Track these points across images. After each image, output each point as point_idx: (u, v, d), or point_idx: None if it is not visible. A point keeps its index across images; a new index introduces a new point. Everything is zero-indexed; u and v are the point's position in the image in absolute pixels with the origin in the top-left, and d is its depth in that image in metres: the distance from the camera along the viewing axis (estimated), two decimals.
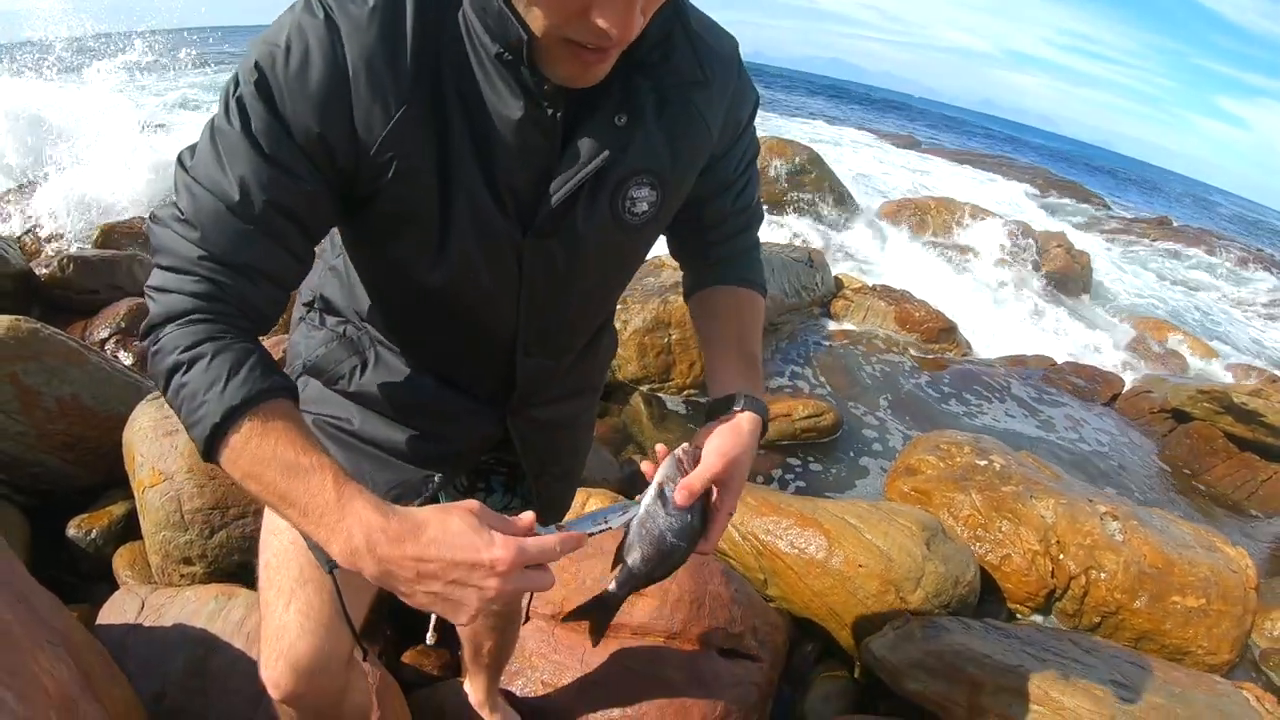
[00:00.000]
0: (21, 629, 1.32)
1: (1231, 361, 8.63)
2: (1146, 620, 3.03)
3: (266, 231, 0.90)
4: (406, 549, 0.85)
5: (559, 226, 1.01)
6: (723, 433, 1.09)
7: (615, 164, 0.99)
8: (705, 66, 1.06)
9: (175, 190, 0.91)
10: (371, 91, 0.87)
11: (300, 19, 0.87)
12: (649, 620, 2.33)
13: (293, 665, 1.22)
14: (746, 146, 1.23)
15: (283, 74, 0.86)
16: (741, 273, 1.30)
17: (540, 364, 1.21)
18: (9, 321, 2.65)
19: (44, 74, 10.92)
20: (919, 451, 3.88)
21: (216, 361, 0.86)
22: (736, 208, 1.27)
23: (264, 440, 0.86)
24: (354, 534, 0.85)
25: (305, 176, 0.90)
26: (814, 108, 35.87)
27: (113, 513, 2.60)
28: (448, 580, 0.85)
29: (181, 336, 0.87)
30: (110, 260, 5.20)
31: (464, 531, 0.86)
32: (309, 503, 0.86)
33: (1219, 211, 33.43)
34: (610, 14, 0.81)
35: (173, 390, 0.88)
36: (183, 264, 0.89)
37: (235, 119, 0.87)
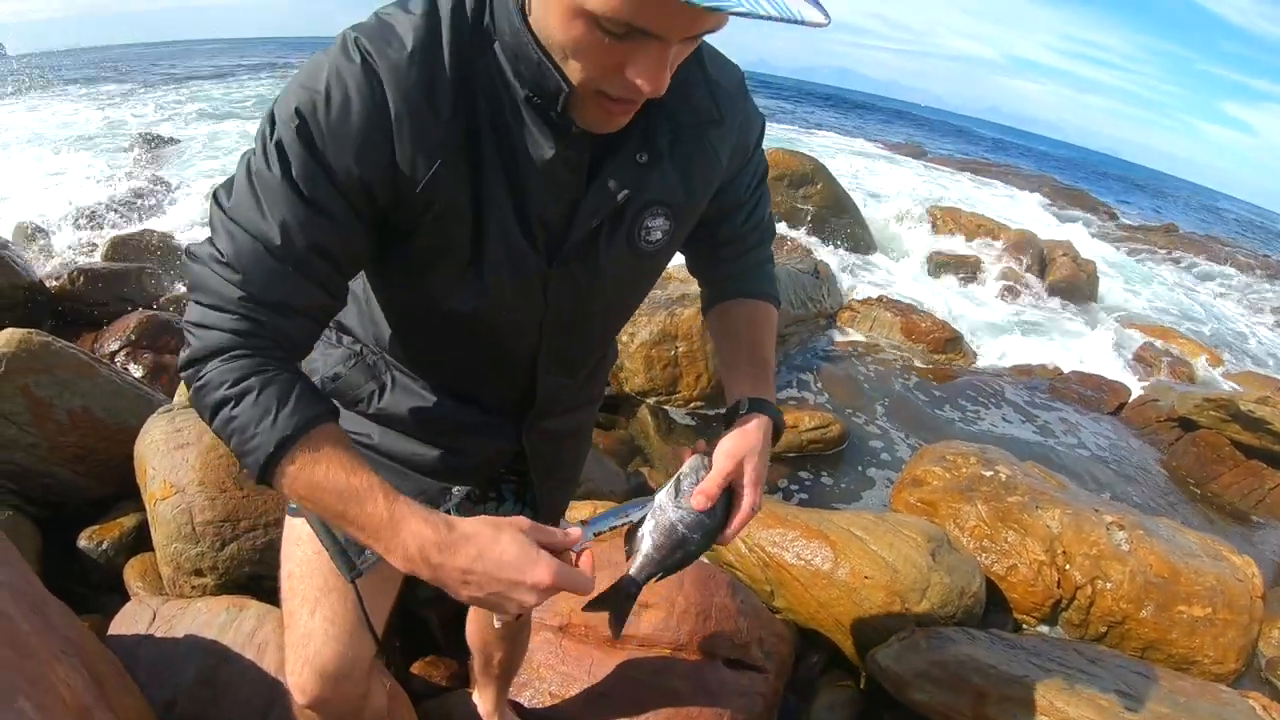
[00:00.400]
0: (38, 639, 1.34)
1: (1238, 369, 8.61)
2: (1153, 630, 3.03)
3: (305, 273, 0.93)
4: (456, 560, 0.93)
5: (583, 256, 1.06)
6: (732, 436, 1.13)
7: (634, 197, 1.04)
8: (720, 105, 1.10)
9: (212, 229, 0.93)
10: (414, 137, 0.90)
11: (338, 64, 0.89)
12: (655, 632, 2.35)
13: (318, 671, 1.27)
14: (755, 167, 1.27)
15: (324, 119, 0.88)
16: (754, 286, 1.35)
17: (558, 381, 1.25)
18: (21, 334, 2.68)
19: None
20: (925, 462, 3.89)
21: (265, 395, 0.91)
22: (748, 226, 1.31)
23: (315, 467, 0.92)
24: (409, 547, 0.92)
25: (345, 219, 0.93)
26: (819, 118, 35.96)
27: (124, 524, 2.62)
28: (491, 591, 0.94)
29: (227, 371, 0.91)
30: (120, 273, 5.24)
31: (511, 549, 0.94)
32: (365, 522, 0.93)
33: (1225, 218, 33.36)
34: (644, 71, 0.84)
35: (220, 422, 0.93)
36: (223, 303, 0.91)
37: (275, 164, 0.89)
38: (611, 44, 0.82)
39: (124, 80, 23.28)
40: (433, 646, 2.52)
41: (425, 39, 0.90)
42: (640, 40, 0.82)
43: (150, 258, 5.89)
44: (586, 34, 0.82)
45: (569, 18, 0.82)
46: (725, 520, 1.12)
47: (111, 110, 16.63)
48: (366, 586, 1.29)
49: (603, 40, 0.82)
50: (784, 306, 5.92)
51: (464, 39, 0.92)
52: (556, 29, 0.84)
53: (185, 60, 31.51)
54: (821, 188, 9.95)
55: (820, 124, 32.07)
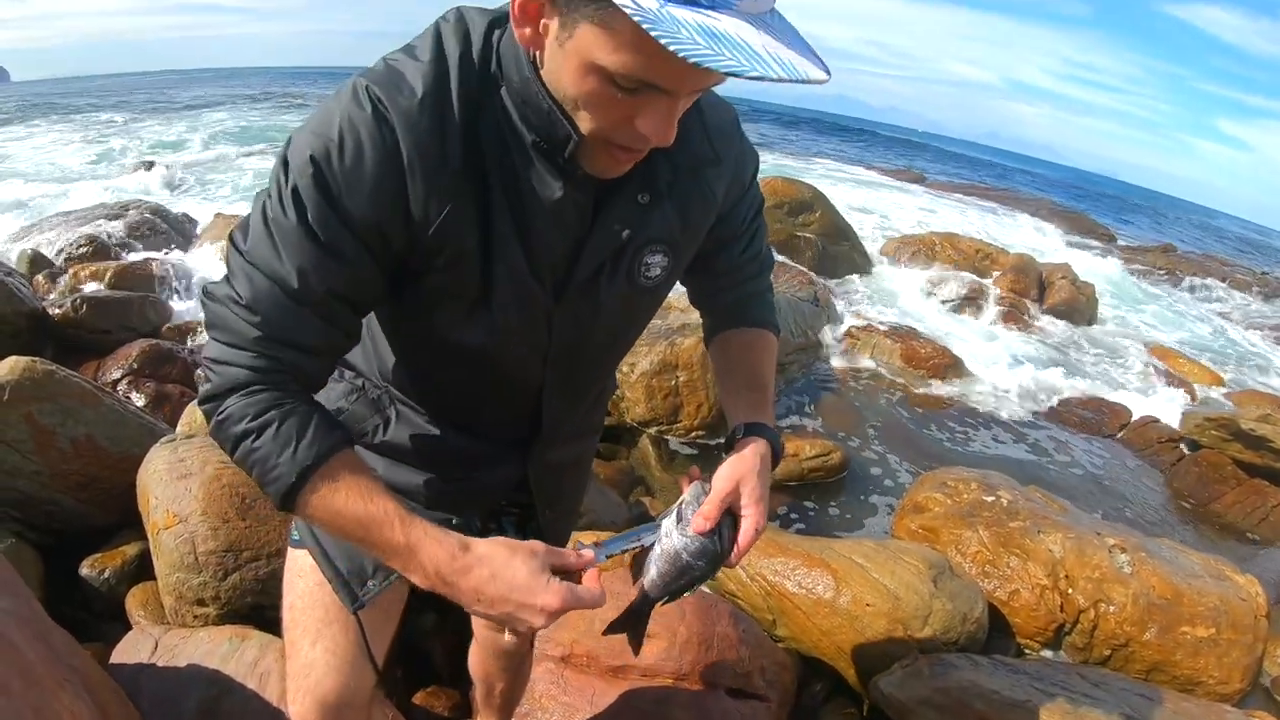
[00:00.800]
0: (43, 667, 1.35)
1: (1239, 388, 8.61)
2: (1157, 651, 3.02)
3: (321, 314, 0.97)
4: (470, 580, 0.97)
5: (586, 293, 1.10)
6: (729, 460, 1.16)
7: (636, 236, 1.08)
8: (715, 146, 1.14)
9: (230, 270, 0.97)
10: (427, 181, 0.93)
11: (350, 111, 0.91)
12: (657, 661, 2.34)
13: (320, 701, 1.28)
14: (751, 201, 1.31)
15: (339, 167, 0.91)
16: (752, 314, 1.38)
17: (561, 411, 1.28)
18: (25, 362, 2.70)
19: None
20: (926, 489, 3.89)
21: (285, 427, 0.95)
22: (745, 257, 1.34)
23: (335, 495, 0.97)
24: (427, 569, 0.97)
25: (360, 263, 0.96)
26: (818, 146, 36.13)
27: (126, 553, 2.63)
28: (501, 611, 0.97)
29: (247, 405, 0.95)
30: (123, 301, 5.26)
31: (522, 573, 0.97)
32: (384, 547, 0.98)
33: (1223, 236, 33.45)
34: (653, 123, 0.88)
35: (242, 454, 0.97)
36: (242, 342, 0.95)
37: (291, 209, 0.92)
38: (623, 98, 0.86)
39: (126, 108, 23.47)
40: (435, 677, 2.51)
41: (434, 86, 0.93)
42: (650, 94, 0.86)
43: (153, 286, 5.91)
44: (599, 88, 0.86)
45: (583, 73, 0.85)
46: (730, 543, 1.14)
47: (114, 138, 16.76)
48: (368, 617, 1.30)
49: (615, 94, 0.86)
50: (784, 335, 5.94)
51: (471, 86, 0.95)
52: (570, 83, 0.88)
53: (187, 88, 31.77)
54: (820, 215, 9.99)
55: (819, 151, 32.22)
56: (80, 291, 5.38)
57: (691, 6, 0.76)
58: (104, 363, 4.55)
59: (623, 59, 0.81)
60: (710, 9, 0.76)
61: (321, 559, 1.29)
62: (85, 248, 6.69)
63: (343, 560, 1.28)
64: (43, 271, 6.06)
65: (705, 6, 0.76)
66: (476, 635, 1.86)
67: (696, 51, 0.74)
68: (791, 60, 0.77)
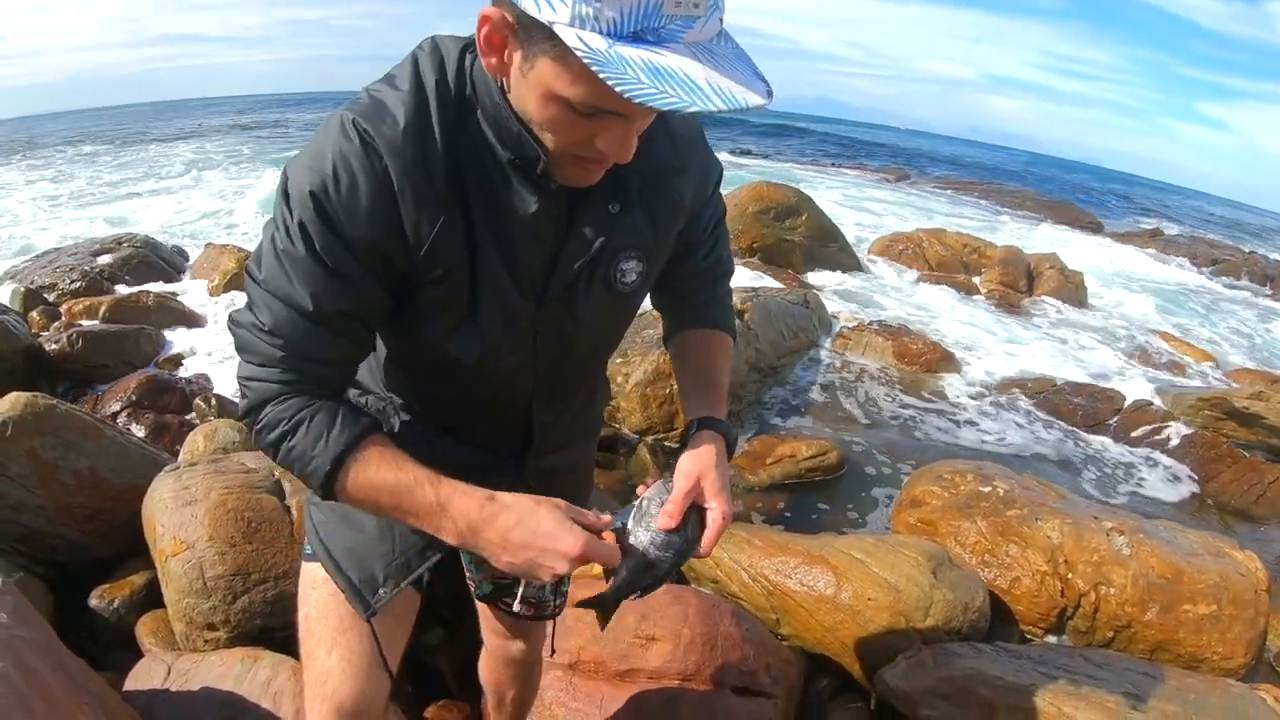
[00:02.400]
0: (63, 692, 1.38)
1: (1231, 367, 8.65)
2: (1159, 631, 3.05)
3: (335, 331, 1.06)
4: (496, 526, 1.06)
5: (565, 299, 1.16)
6: (685, 457, 1.21)
7: (609, 243, 1.14)
8: (681, 155, 1.21)
9: (250, 300, 1.06)
10: (416, 204, 1.01)
11: (340, 145, 0.99)
12: (664, 664, 2.37)
13: (337, 708, 1.31)
14: (713, 210, 1.39)
15: (336, 199, 0.98)
16: (708, 316, 1.44)
17: (551, 418, 1.33)
18: (26, 398, 2.73)
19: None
20: (923, 483, 3.92)
21: (315, 424, 1.06)
22: (706, 263, 1.41)
23: (367, 473, 1.07)
24: (458, 522, 1.06)
25: (365, 283, 1.04)
26: (800, 148, 36.23)
27: (134, 582, 2.65)
28: (526, 556, 1.06)
29: (281, 411, 1.07)
30: (119, 334, 5.29)
31: (548, 520, 1.06)
32: (417, 509, 1.07)
33: (1208, 218, 33.54)
34: (612, 142, 0.96)
35: (283, 454, 1.08)
36: (269, 361, 1.06)
37: (299, 241, 1.00)
38: (583, 121, 0.94)
39: (113, 141, 23.51)
40: (444, 692, 2.53)
41: (415, 114, 1.00)
42: (608, 118, 0.93)
43: (148, 319, 5.93)
44: (560, 114, 0.94)
45: (545, 101, 0.93)
46: (697, 535, 1.18)
47: (102, 172, 16.78)
48: (382, 625, 1.34)
49: (575, 119, 0.93)
50: (775, 338, 5.98)
51: (449, 111, 1.02)
52: (534, 109, 0.96)
53: (173, 119, 31.81)
54: (807, 218, 10.04)
55: (801, 154, 32.33)
56: (76, 326, 5.41)
57: (638, 44, 0.83)
58: (103, 396, 4.57)
59: (579, 90, 0.89)
60: (656, 45, 0.83)
61: (334, 570, 1.33)
62: (78, 283, 6.71)
63: (354, 570, 1.33)
64: (37, 308, 6.08)
65: (651, 43, 0.83)
66: (487, 645, 1.89)
67: (641, 91, 0.81)
68: (731, 90, 0.83)
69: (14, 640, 1.44)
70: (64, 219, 11.44)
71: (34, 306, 6.14)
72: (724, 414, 1.30)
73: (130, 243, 7.94)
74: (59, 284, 6.70)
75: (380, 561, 1.33)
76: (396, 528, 1.34)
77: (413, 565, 1.34)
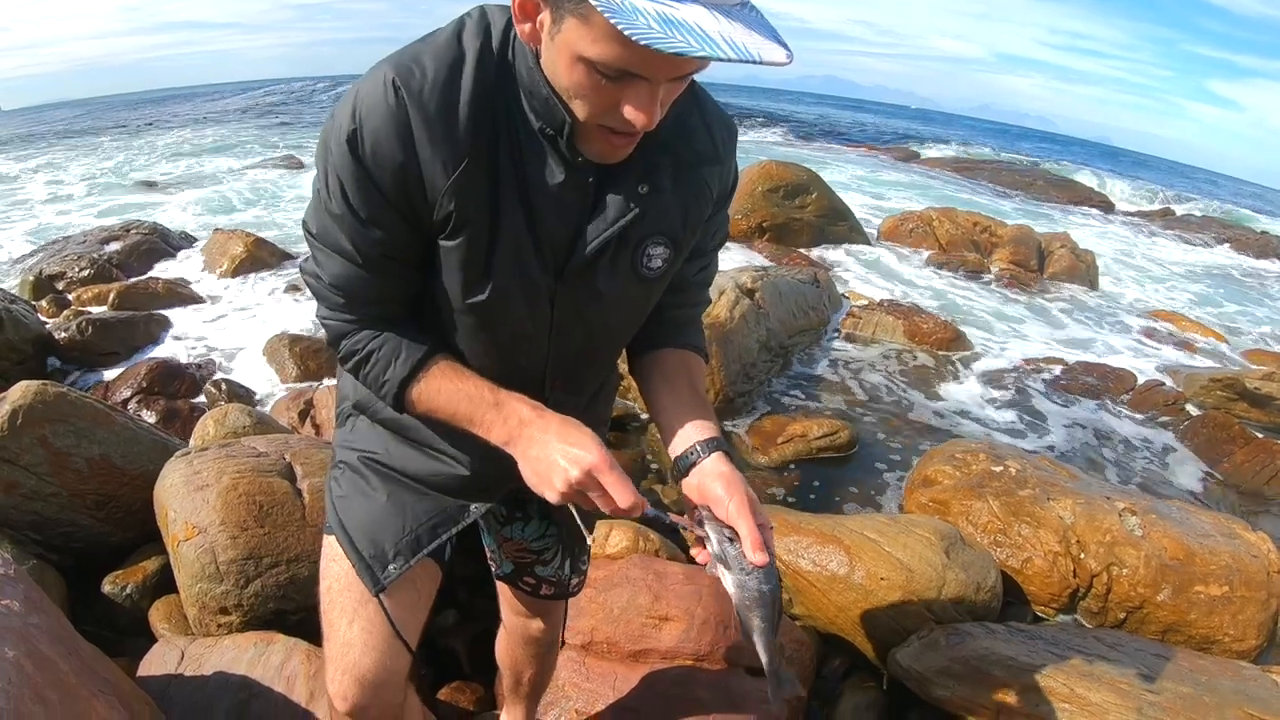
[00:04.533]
0: (77, 679, 1.38)
1: (1243, 347, 8.61)
2: (1171, 612, 3.05)
3: (382, 272, 1.15)
4: (539, 426, 1.13)
5: (587, 275, 1.18)
6: (717, 484, 1.18)
7: (637, 226, 1.16)
8: (719, 144, 1.23)
9: (311, 253, 1.17)
10: (434, 152, 1.04)
11: (370, 95, 1.03)
12: (677, 644, 2.37)
13: (358, 679, 1.32)
14: (721, 224, 1.38)
15: (364, 149, 1.04)
16: (689, 337, 1.43)
17: (563, 399, 1.32)
18: (36, 386, 2.73)
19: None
20: (935, 462, 3.91)
21: (382, 355, 1.19)
22: (698, 279, 1.41)
23: (431, 383, 1.19)
24: (510, 421, 1.15)
25: (397, 228, 1.10)
26: (811, 127, 36.03)
27: (146, 568, 2.66)
28: (549, 456, 1.10)
29: (354, 345, 1.20)
30: (128, 321, 5.31)
31: (585, 436, 1.11)
32: (473, 409, 1.17)
33: (1219, 196, 33.27)
34: (637, 107, 0.97)
35: (363, 377, 1.22)
36: (333, 306, 1.19)
37: (335, 193, 1.08)
38: (607, 85, 0.95)
39: (120, 130, 23.51)
40: (458, 673, 2.54)
41: (448, 71, 1.04)
42: (632, 81, 0.95)
43: (157, 305, 5.95)
44: (586, 78, 0.96)
45: (571, 63, 0.95)
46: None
47: (109, 160, 16.79)
48: (401, 600, 1.35)
49: (600, 82, 0.95)
50: (786, 317, 5.96)
51: (487, 73, 1.06)
52: (562, 73, 0.98)
53: (180, 106, 31.80)
54: (817, 197, 10.00)
55: (811, 133, 32.12)
56: (85, 314, 5.43)
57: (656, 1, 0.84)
58: (113, 382, 4.59)
59: (601, 49, 0.91)
60: (674, 2, 0.85)
61: (347, 544, 1.35)
62: (87, 270, 6.73)
63: (366, 545, 1.34)
64: (47, 296, 6.10)
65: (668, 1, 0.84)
66: (506, 624, 1.90)
67: (649, 35, 0.83)
68: (745, 43, 0.84)
69: (27, 629, 1.45)
70: (72, 209, 11.45)
71: (43, 295, 6.16)
72: (720, 430, 1.29)
73: (138, 229, 7.95)
74: (68, 272, 6.73)
75: (391, 537, 1.34)
76: (408, 505, 1.36)
77: (423, 542, 1.35)
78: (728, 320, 5.22)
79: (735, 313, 5.34)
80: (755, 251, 9.20)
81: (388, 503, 1.36)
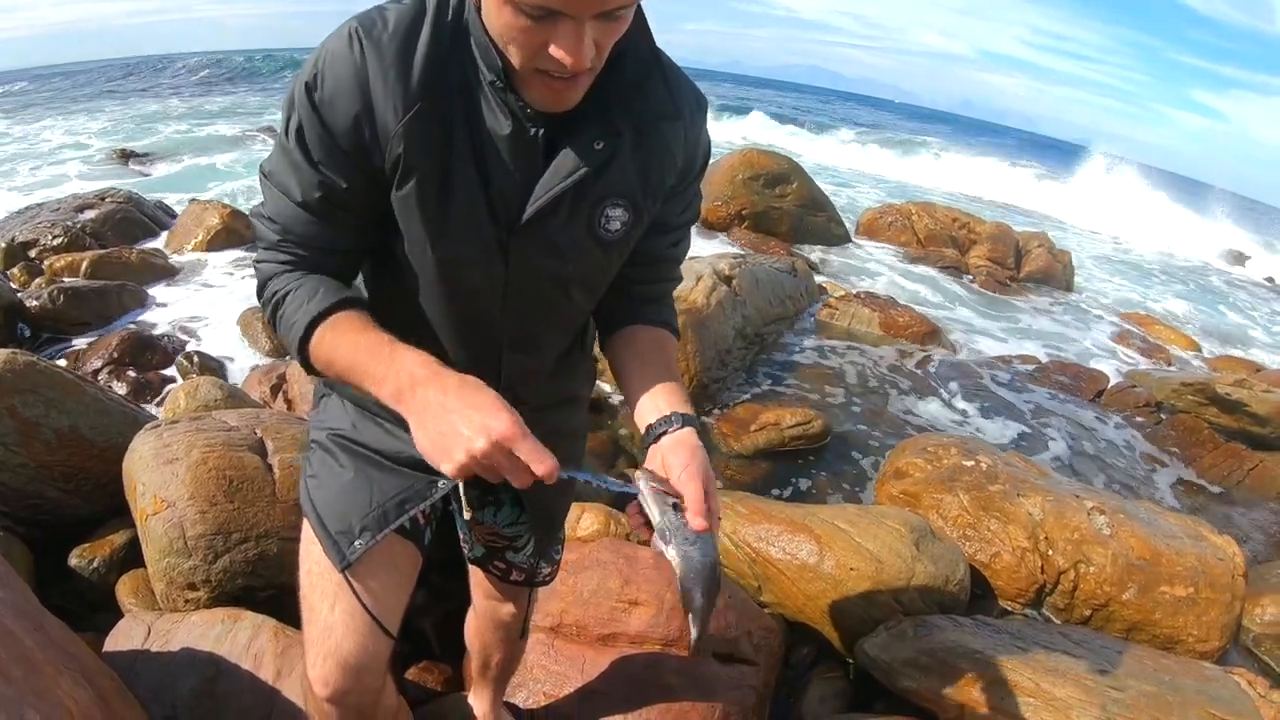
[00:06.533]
0: (42, 654, 1.36)
1: (1216, 353, 8.72)
2: (1136, 611, 3.09)
3: (324, 218, 1.15)
4: (432, 388, 1.02)
5: (540, 231, 1.16)
6: (679, 452, 1.14)
7: (593, 184, 1.15)
8: (676, 101, 1.21)
9: (262, 192, 1.18)
10: (387, 96, 1.06)
11: (333, 44, 1.07)
12: (646, 629, 2.38)
13: (340, 663, 1.30)
14: (691, 199, 1.36)
15: (320, 93, 1.07)
16: (662, 315, 1.42)
17: (522, 362, 1.32)
18: (6, 354, 2.68)
19: None
20: (907, 455, 3.94)
21: (300, 293, 1.16)
22: (669, 255, 1.39)
23: (335, 333, 1.13)
24: (401, 376, 1.05)
25: (350, 176, 1.12)
26: (793, 116, 36.01)
27: (114, 541, 2.63)
28: (448, 422, 0.99)
29: (277, 285, 1.18)
30: (101, 291, 5.24)
31: (488, 397, 1.01)
32: (370, 366, 1.09)
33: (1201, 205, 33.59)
34: (564, 46, 0.97)
35: (276, 324, 1.19)
36: (269, 244, 1.18)
37: (292, 134, 1.10)
38: (533, 25, 0.96)
39: (97, 97, 23.12)
40: (427, 652, 2.54)
41: (408, 22, 1.07)
42: (557, 20, 0.95)
43: (130, 275, 5.87)
44: (513, 19, 0.97)
45: (499, 6, 0.97)
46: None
47: (89, 127, 16.52)
48: (379, 584, 1.33)
49: (526, 23, 0.96)
50: (762, 305, 5.98)
51: (443, 28, 1.08)
52: (492, 18, 1.00)
53: (159, 74, 31.29)
54: (797, 187, 10.01)
55: (793, 122, 32.12)
56: (58, 283, 5.35)
57: None
58: (84, 352, 4.53)
59: None
60: None
61: (315, 522, 1.33)
62: (61, 238, 6.61)
63: (334, 521, 1.32)
64: (19, 264, 6.00)
65: None
66: (476, 607, 1.89)
67: None
68: None
69: None
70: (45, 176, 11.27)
71: (15, 262, 6.06)
72: (693, 409, 1.27)
73: (113, 198, 7.82)
74: (41, 239, 6.60)
75: (358, 512, 1.32)
76: (375, 480, 1.34)
77: (390, 517, 1.33)
78: (704, 306, 5.23)
79: (712, 299, 5.35)
80: (734, 239, 9.20)
81: (354, 479, 1.35)
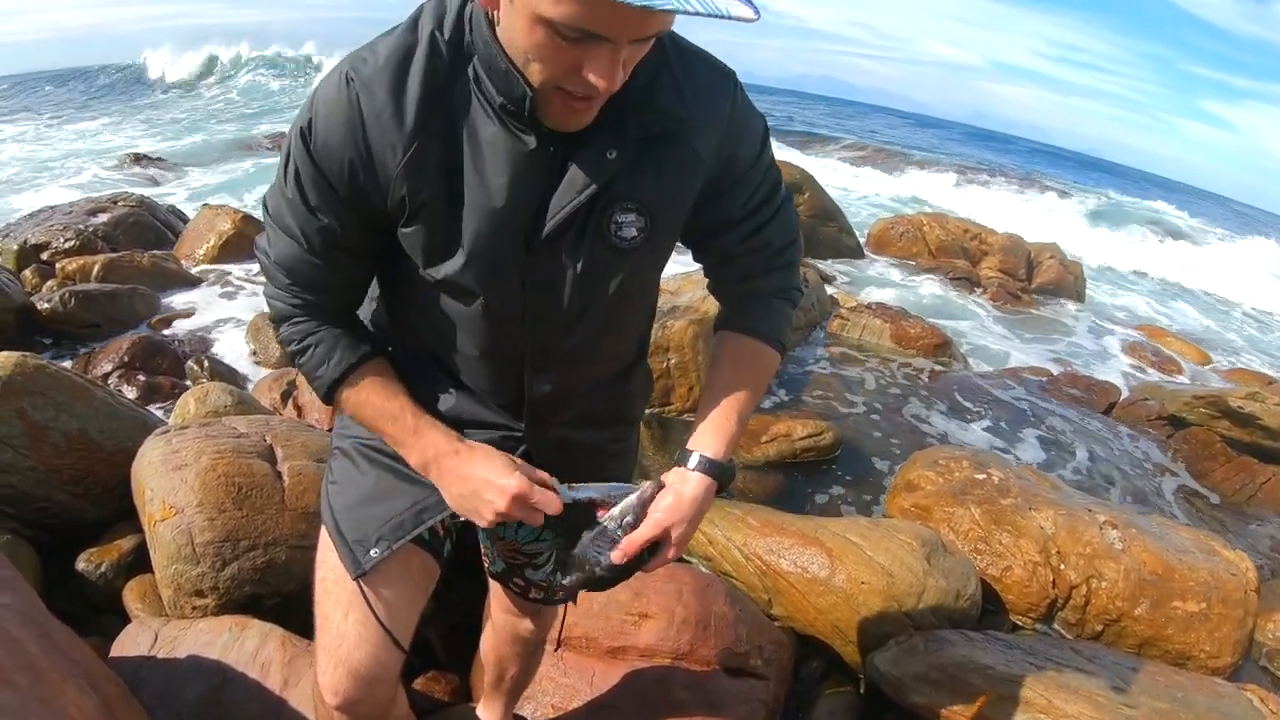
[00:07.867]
0: (47, 661, 1.35)
1: (1228, 366, 8.67)
2: (1148, 626, 3.06)
3: (327, 262, 1.18)
4: (455, 462, 1.22)
5: (556, 248, 1.14)
6: (671, 503, 1.23)
7: (605, 192, 1.12)
8: (689, 102, 1.14)
9: (265, 231, 1.21)
10: (383, 137, 1.06)
11: (326, 88, 1.08)
12: (656, 642, 2.36)
13: (351, 672, 1.29)
14: (754, 188, 1.26)
15: (315, 138, 1.08)
16: (754, 321, 1.35)
17: (550, 381, 1.28)
18: (16, 358, 2.68)
19: None
20: (918, 467, 3.91)
21: (319, 350, 1.23)
22: (744, 248, 1.30)
23: (359, 395, 1.25)
24: (426, 451, 1.23)
25: (348, 220, 1.13)
26: (805, 126, 36.03)
27: (122, 546, 2.62)
28: (471, 489, 1.20)
29: (294, 333, 1.25)
30: (112, 294, 5.25)
31: (497, 463, 1.20)
32: (396, 432, 1.25)
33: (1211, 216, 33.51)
34: (598, 70, 0.95)
35: (298, 367, 1.27)
36: (279, 286, 1.22)
37: (291, 179, 1.12)
38: (568, 47, 0.93)
39: (108, 101, 23.27)
40: (434, 663, 2.52)
41: (399, 56, 1.06)
42: (593, 43, 0.93)
43: (142, 279, 5.88)
44: (546, 39, 0.93)
45: (531, 26, 0.93)
46: (645, 560, 1.25)
47: (99, 131, 16.62)
48: (394, 594, 1.33)
49: (561, 44, 0.93)
50: None
51: (438, 56, 1.06)
52: (520, 36, 0.96)
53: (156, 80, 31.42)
54: (809, 196, 9.98)
55: (806, 132, 32.16)
56: (69, 286, 5.36)
57: None
58: (94, 356, 4.54)
59: (563, 9, 0.89)
60: None
61: (332, 527, 1.33)
62: (73, 241, 6.63)
63: (351, 529, 1.31)
64: (30, 266, 6.02)
65: None
66: (495, 621, 1.88)
67: None
68: (714, 1, 0.83)
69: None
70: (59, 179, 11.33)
71: (27, 265, 6.08)
72: (732, 448, 1.27)
73: (126, 202, 7.85)
74: (53, 242, 6.63)
75: (375, 522, 1.31)
76: (395, 490, 1.33)
77: (407, 527, 1.31)
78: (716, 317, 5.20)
79: None
80: None
81: (374, 487, 1.34)
